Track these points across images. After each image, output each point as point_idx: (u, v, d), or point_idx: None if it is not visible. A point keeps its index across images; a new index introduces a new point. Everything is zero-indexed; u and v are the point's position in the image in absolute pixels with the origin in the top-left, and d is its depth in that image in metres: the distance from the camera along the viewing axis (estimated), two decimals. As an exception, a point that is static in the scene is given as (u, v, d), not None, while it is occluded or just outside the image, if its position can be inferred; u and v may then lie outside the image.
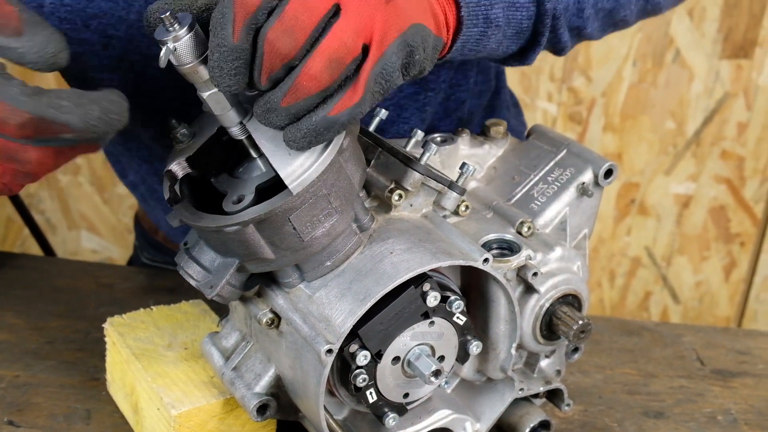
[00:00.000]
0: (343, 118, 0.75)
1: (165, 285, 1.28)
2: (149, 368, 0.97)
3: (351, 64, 0.75)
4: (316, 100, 0.75)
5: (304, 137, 0.76)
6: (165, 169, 0.85)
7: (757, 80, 2.21)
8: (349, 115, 0.75)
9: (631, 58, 2.20)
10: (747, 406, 1.14)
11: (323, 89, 0.74)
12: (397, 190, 0.88)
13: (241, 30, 0.73)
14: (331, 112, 0.75)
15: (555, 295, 0.94)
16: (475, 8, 0.90)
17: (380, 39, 0.76)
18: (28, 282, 1.28)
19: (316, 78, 0.74)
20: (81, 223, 2.36)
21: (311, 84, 0.74)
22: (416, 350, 0.88)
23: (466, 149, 1.02)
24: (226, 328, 0.95)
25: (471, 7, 0.90)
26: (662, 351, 1.24)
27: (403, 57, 0.77)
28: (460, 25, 0.89)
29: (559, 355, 1.01)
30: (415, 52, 0.78)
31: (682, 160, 2.30)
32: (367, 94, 0.75)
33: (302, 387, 0.86)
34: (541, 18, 0.97)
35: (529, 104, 2.26)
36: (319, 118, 0.75)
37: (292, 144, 0.76)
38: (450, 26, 0.88)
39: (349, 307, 0.82)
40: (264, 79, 0.75)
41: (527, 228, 0.95)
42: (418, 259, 0.84)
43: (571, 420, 1.09)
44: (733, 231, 2.37)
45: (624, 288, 2.45)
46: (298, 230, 0.80)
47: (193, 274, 0.86)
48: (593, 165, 0.99)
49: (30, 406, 1.03)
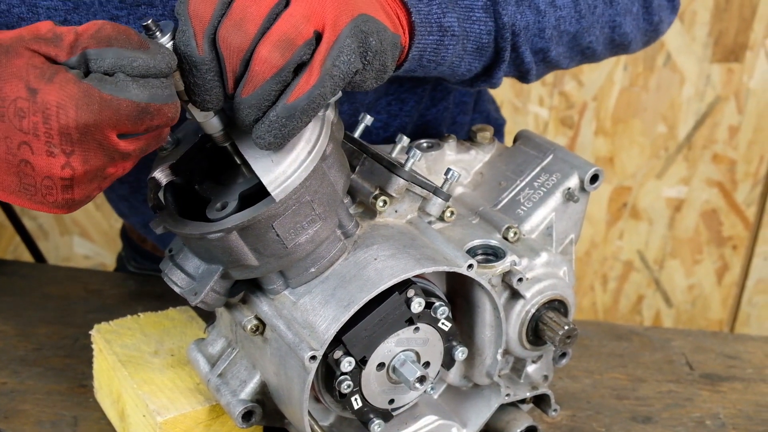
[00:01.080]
0: (302, 103, 0.75)
1: (154, 291, 1.28)
2: (135, 375, 0.97)
3: (303, 46, 0.74)
4: (274, 87, 0.74)
5: (268, 131, 0.75)
6: (149, 176, 0.85)
7: (748, 84, 2.22)
8: (308, 99, 0.75)
9: (622, 62, 2.20)
10: (736, 410, 1.14)
11: (276, 72, 0.74)
12: (381, 197, 0.88)
13: (203, 42, 0.74)
14: (289, 99, 0.75)
15: (541, 301, 0.94)
16: (427, 15, 0.90)
17: (333, 23, 0.76)
18: (16, 288, 1.28)
19: (267, 60, 0.73)
20: (73, 228, 2.36)
21: (263, 67, 0.74)
22: (401, 356, 0.88)
23: (453, 155, 1.02)
24: (212, 335, 0.95)
25: (423, 14, 0.90)
26: (651, 355, 1.24)
27: (358, 41, 0.77)
28: (414, 31, 0.89)
29: (546, 361, 1.01)
30: (369, 37, 0.78)
31: (673, 164, 2.30)
32: (325, 77, 0.75)
33: (287, 393, 0.86)
34: (501, 32, 0.96)
35: (521, 108, 2.26)
36: (278, 107, 0.75)
37: (260, 141, 0.76)
38: (404, 28, 0.88)
39: (333, 314, 0.82)
40: (231, 83, 0.75)
41: (513, 233, 0.95)
42: (402, 265, 0.84)
43: (559, 425, 1.09)
44: (726, 234, 2.38)
45: (616, 292, 2.45)
46: (281, 237, 0.80)
47: (178, 281, 0.86)
48: (579, 170, 0.99)
49: (17, 413, 1.03)
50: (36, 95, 0.69)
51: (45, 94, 0.69)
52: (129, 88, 0.70)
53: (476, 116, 1.32)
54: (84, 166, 0.72)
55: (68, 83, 0.69)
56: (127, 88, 0.70)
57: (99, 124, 0.70)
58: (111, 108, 0.70)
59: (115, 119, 0.70)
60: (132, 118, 0.71)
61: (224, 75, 0.75)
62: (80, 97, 0.69)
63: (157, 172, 0.84)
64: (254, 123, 0.76)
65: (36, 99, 0.69)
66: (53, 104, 0.69)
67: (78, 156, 0.71)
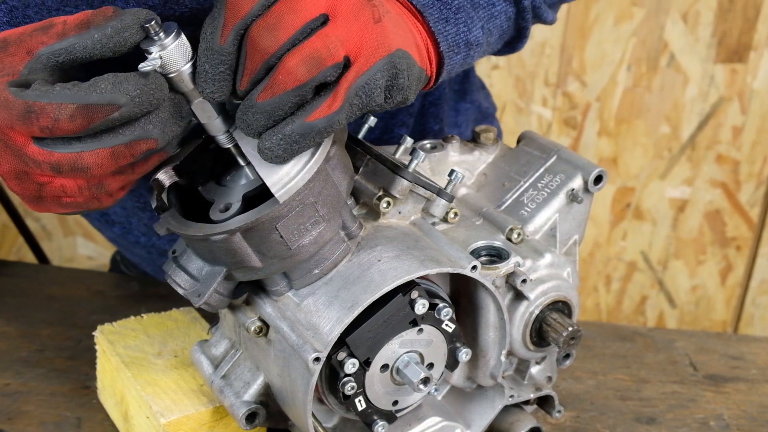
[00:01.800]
0: (320, 125, 0.75)
1: (157, 292, 1.28)
2: (139, 376, 0.97)
3: (331, 68, 0.74)
4: (292, 100, 0.74)
5: (279, 144, 0.75)
6: (152, 177, 0.85)
7: (752, 84, 2.21)
8: (326, 123, 0.75)
9: (626, 62, 2.20)
10: (739, 411, 1.14)
11: (298, 86, 0.74)
12: (385, 198, 0.88)
13: (229, 33, 0.73)
14: (308, 118, 0.75)
15: (545, 302, 0.94)
16: (455, 38, 0.91)
17: (367, 54, 0.76)
18: (20, 290, 1.28)
19: (293, 72, 0.73)
20: (77, 229, 2.36)
21: (287, 78, 0.73)
22: (405, 358, 0.88)
23: (456, 156, 1.02)
24: (215, 336, 0.95)
25: (450, 38, 0.90)
26: (655, 356, 1.24)
27: (387, 77, 0.77)
28: (442, 59, 0.90)
29: (550, 362, 1.00)
30: (400, 75, 0.78)
31: (677, 165, 2.30)
32: (346, 105, 0.75)
33: (291, 395, 0.86)
34: (522, 15, 0.99)
35: (524, 109, 2.26)
36: (295, 123, 0.75)
37: (269, 153, 0.76)
38: (432, 60, 0.89)
39: (337, 315, 0.82)
40: (245, 81, 0.74)
41: (517, 234, 0.95)
42: (406, 266, 0.83)
43: (563, 426, 1.09)
44: (729, 235, 2.37)
45: (620, 292, 2.45)
46: (285, 238, 0.80)
47: (181, 283, 0.85)
48: (583, 171, 0.99)
49: (20, 414, 1.03)
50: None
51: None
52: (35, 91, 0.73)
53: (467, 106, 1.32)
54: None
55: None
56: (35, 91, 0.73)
57: (1, 125, 0.74)
58: (6, 107, 0.73)
59: (8, 119, 0.73)
60: (21, 117, 0.73)
61: (239, 72, 0.74)
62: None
63: (161, 174, 0.84)
64: (262, 130, 0.76)
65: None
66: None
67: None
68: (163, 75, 0.76)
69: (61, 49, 0.74)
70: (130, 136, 0.75)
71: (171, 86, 0.77)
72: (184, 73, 0.76)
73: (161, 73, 0.75)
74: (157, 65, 0.74)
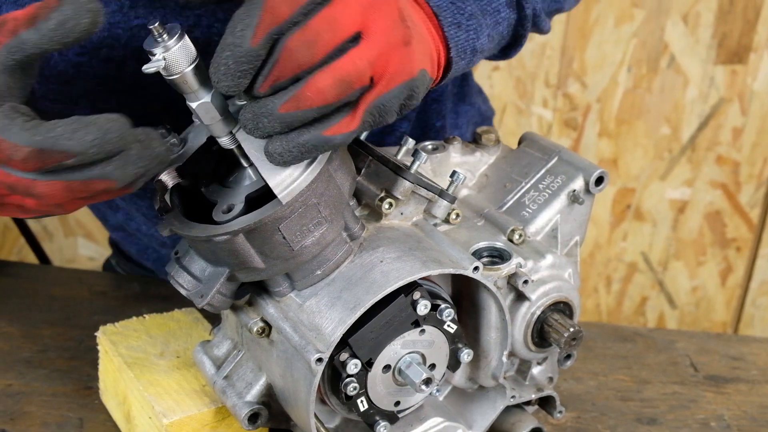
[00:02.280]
0: (337, 141, 0.76)
1: (159, 293, 1.28)
2: (141, 377, 0.97)
3: (357, 90, 0.75)
4: (313, 115, 0.74)
5: (291, 151, 0.75)
6: (156, 179, 0.85)
7: (752, 85, 2.22)
8: (343, 139, 0.76)
9: (626, 63, 2.20)
10: (740, 412, 1.14)
11: (324, 105, 0.74)
12: (387, 199, 0.88)
13: (263, 36, 0.72)
14: (327, 132, 0.75)
15: (546, 303, 0.94)
16: (464, 44, 0.92)
17: (390, 77, 0.76)
18: (21, 290, 1.29)
19: (323, 92, 0.73)
20: (78, 230, 2.36)
21: (316, 96, 0.73)
22: (407, 358, 0.88)
23: (458, 157, 1.02)
24: (217, 337, 0.95)
25: (460, 44, 0.91)
26: (656, 357, 1.24)
27: (402, 99, 0.78)
28: (449, 64, 0.91)
29: (552, 362, 1.01)
30: (414, 97, 0.79)
31: (677, 166, 2.30)
32: (362, 123, 0.76)
33: (293, 396, 0.86)
34: (522, 23, 1.00)
35: (525, 110, 2.26)
36: (312, 135, 0.75)
37: (278, 158, 0.75)
38: (441, 66, 0.90)
39: (339, 316, 0.82)
40: (267, 85, 0.73)
41: (518, 235, 0.95)
42: (408, 267, 0.84)
43: (564, 427, 1.09)
44: (729, 236, 2.38)
45: (620, 293, 2.46)
46: (287, 239, 0.80)
47: (184, 284, 0.86)
48: (584, 172, 0.99)
49: (23, 415, 1.03)
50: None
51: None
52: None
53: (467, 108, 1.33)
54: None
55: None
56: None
57: None
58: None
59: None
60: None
61: (262, 74, 0.73)
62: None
63: (164, 175, 0.84)
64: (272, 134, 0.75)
65: None
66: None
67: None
68: (167, 76, 0.76)
69: (15, 47, 0.73)
70: (87, 175, 0.74)
71: (173, 87, 0.77)
72: (187, 74, 0.76)
73: (165, 75, 0.76)
74: (160, 67, 0.75)
